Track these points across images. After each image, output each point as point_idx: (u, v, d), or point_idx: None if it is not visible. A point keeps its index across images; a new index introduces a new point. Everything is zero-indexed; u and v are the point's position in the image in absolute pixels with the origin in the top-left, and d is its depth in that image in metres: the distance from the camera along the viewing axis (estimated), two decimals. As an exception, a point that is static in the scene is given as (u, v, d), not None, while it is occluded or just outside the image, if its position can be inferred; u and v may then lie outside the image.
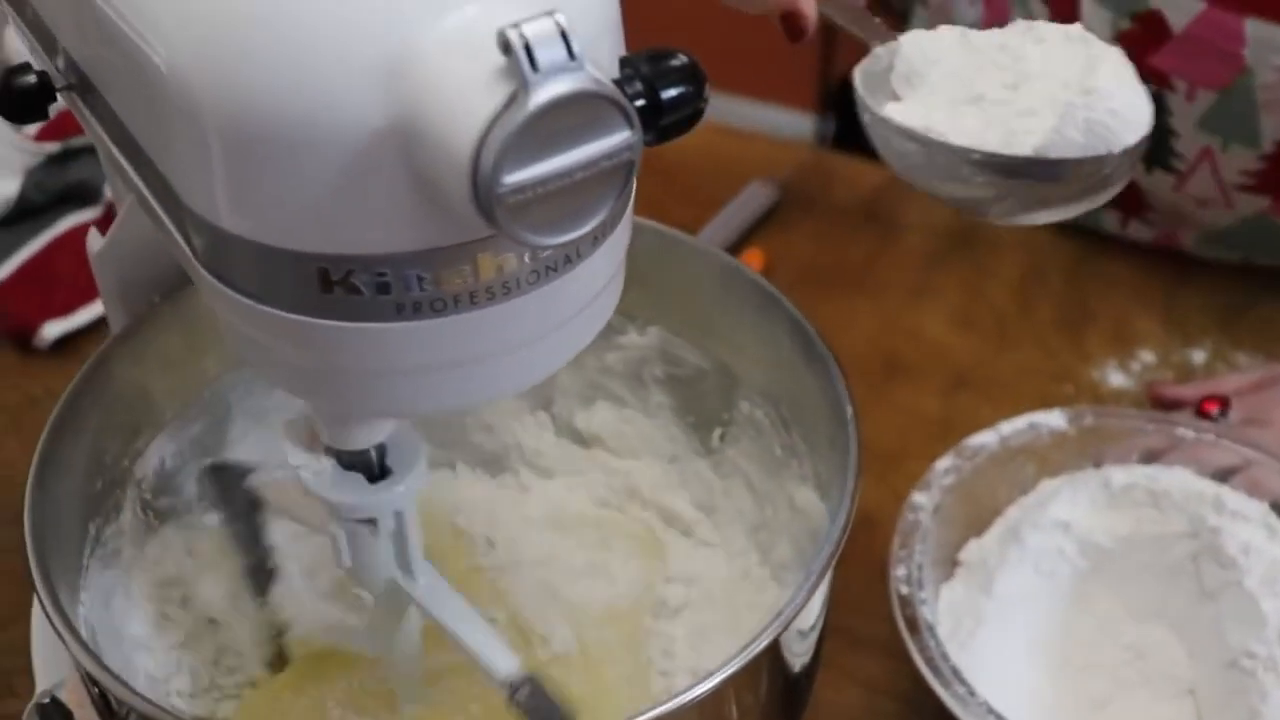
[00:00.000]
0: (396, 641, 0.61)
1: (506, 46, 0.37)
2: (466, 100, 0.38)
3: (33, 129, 1.09)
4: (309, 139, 0.41)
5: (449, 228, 0.42)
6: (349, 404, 0.49)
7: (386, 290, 0.43)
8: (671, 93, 0.42)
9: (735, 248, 1.06)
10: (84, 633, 0.56)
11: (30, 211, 1.06)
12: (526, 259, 0.44)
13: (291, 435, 0.55)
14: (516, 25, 0.37)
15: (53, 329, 1.01)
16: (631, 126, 0.39)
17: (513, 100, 0.37)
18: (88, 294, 1.02)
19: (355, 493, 0.54)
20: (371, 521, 0.55)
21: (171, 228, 0.49)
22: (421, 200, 0.41)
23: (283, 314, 0.45)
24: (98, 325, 1.03)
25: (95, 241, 0.62)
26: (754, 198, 1.11)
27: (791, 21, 0.64)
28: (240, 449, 0.68)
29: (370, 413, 0.51)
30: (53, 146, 1.07)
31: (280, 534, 0.66)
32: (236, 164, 0.43)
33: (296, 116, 0.41)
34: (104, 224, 1.06)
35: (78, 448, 0.59)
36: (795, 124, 2.14)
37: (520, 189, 0.38)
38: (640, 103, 0.42)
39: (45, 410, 0.97)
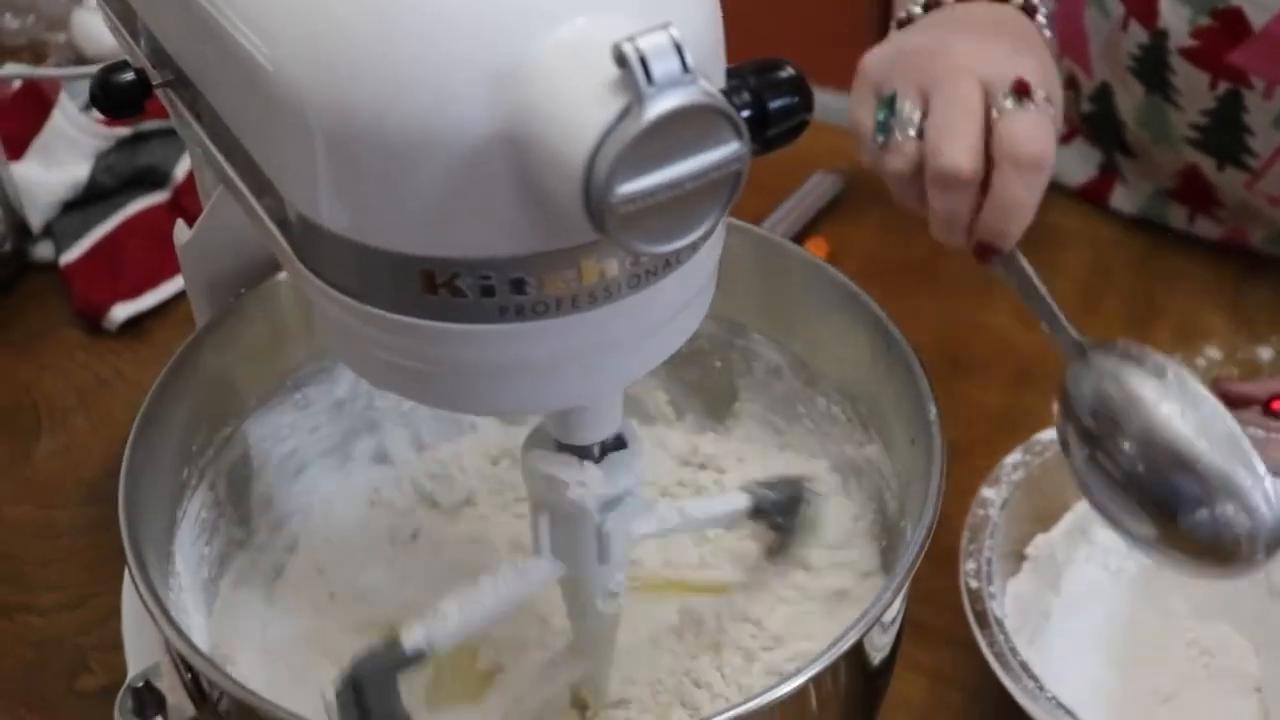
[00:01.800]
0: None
1: (622, 59, 0.38)
2: (580, 112, 0.39)
3: (102, 112, 1.11)
4: (417, 144, 0.42)
5: (555, 232, 0.43)
6: (442, 401, 0.50)
7: (491, 293, 0.44)
8: (778, 104, 0.43)
9: (799, 238, 1.07)
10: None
11: (100, 194, 1.08)
12: (628, 264, 0.45)
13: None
14: (632, 39, 0.38)
15: (122, 311, 1.03)
16: (741, 138, 0.40)
17: (627, 113, 0.38)
18: (157, 276, 1.04)
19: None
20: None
21: (269, 223, 0.50)
22: (528, 205, 0.42)
23: (382, 313, 0.46)
24: (166, 308, 1.04)
25: (182, 234, 0.63)
26: (818, 188, 1.11)
27: (982, 251, 0.71)
28: (317, 437, 0.69)
29: (462, 410, 0.52)
30: (123, 130, 1.09)
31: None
32: (342, 166, 0.43)
33: (405, 122, 0.42)
34: (173, 208, 1.08)
35: (166, 438, 0.60)
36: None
37: (632, 199, 0.39)
38: (747, 114, 0.42)
39: (115, 391, 1.00)
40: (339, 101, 0.42)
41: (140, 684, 0.55)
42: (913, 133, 0.69)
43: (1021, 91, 0.67)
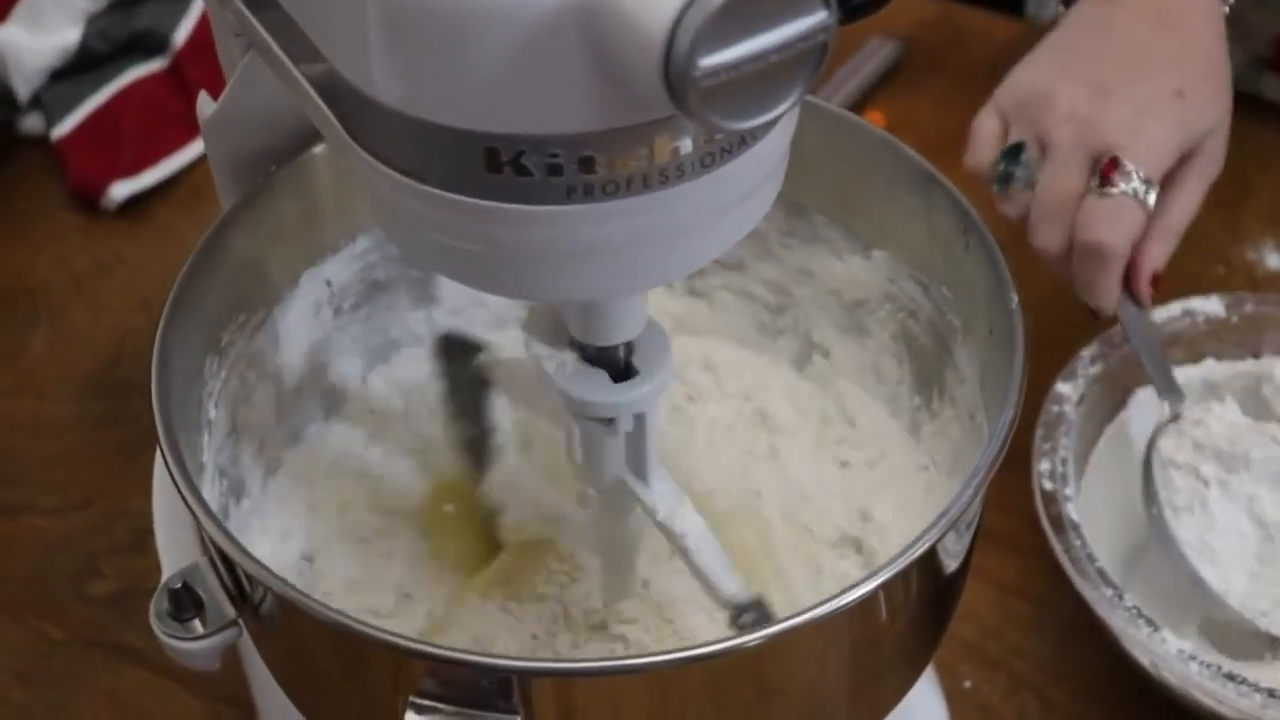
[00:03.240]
0: (614, 543, 0.64)
1: (706, -77, 0.39)
2: (662, -22, 0.40)
3: (92, -29, 1.12)
4: (486, 12, 0.43)
5: (627, 108, 0.44)
6: (502, 287, 0.52)
7: (558, 172, 0.46)
8: (866, -30, 0.44)
9: (854, 109, 1.08)
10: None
11: (92, 62, 1.10)
12: (702, 141, 0.47)
13: (535, 324, 0.58)
14: (717, -99, 0.39)
15: (121, 189, 1.05)
16: (828, 7, 0.42)
17: (711, -20, 0.40)
18: (156, 152, 1.06)
19: (597, 390, 0.57)
20: (609, 421, 0.58)
21: (313, 94, 0.52)
22: (600, 79, 0.44)
23: (441, 193, 0.48)
24: (168, 185, 1.07)
25: (206, 107, 0.65)
26: (874, 55, 1.12)
27: (1090, 312, 0.81)
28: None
29: (523, 296, 0.54)
30: (116, -10, 1.10)
31: (503, 414, 0.71)
32: (403, 38, 0.45)
33: (474, -13, 0.43)
34: (172, 76, 1.09)
35: (195, 328, 0.62)
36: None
37: (715, 72, 0.41)
38: (832, -20, 0.44)
39: (115, 276, 1.02)
40: (398, -35, 0.44)
41: (178, 584, 0.57)
42: (1032, 187, 0.79)
43: (1104, 179, 0.76)
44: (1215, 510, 0.78)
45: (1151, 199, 0.76)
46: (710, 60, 0.41)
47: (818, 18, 0.42)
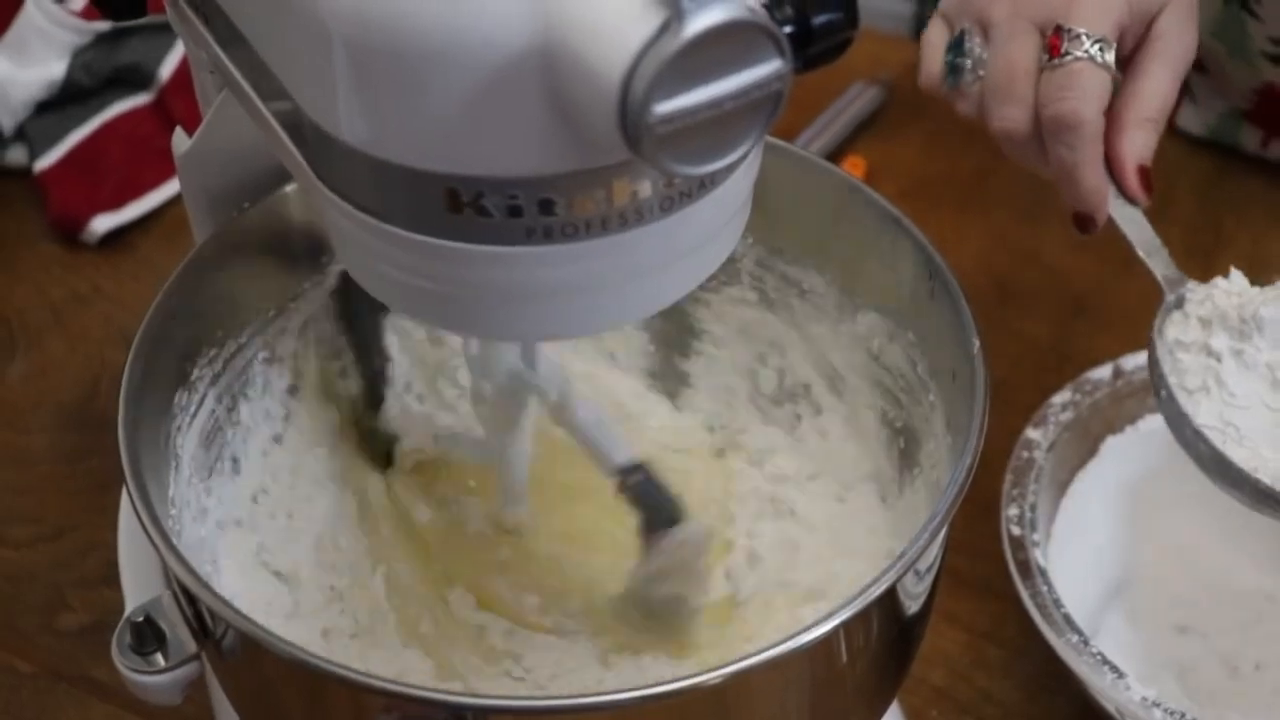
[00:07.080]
0: (508, 441, 0.67)
1: (661, -29, 0.41)
2: (617, 26, 0.42)
3: (79, 3, 1.13)
4: (445, 55, 0.45)
5: (586, 152, 0.46)
6: (463, 325, 0.54)
7: (518, 214, 0.47)
8: (821, 19, 0.46)
9: (836, 154, 1.09)
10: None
11: (77, 95, 1.11)
12: (661, 185, 0.48)
13: None
14: (672, -50, 0.41)
15: (102, 223, 1.06)
16: (783, 55, 0.43)
17: (665, 28, 0.41)
18: (139, 186, 1.07)
19: None
20: None
21: (281, 133, 0.53)
22: (559, 123, 0.45)
23: (403, 233, 0.49)
24: (150, 219, 1.07)
25: (181, 143, 0.66)
26: (857, 100, 1.13)
27: (1080, 222, 0.74)
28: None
29: (484, 335, 0.55)
30: (102, 25, 1.11)
31: (392, 344, 0.73)
32: (366, 78, 0.46)
33: (435, 31, 0.44)
34: (157, 110, 1.11)
35: (165, 362, 0.63)
36: (892, 8, 2.14)
37: (670, 119, 0.42)
38: (789, 29, 0.45)
39: (94, 309, 1.03)
40: (363, 7, 0.45)
41: (140, 618, 0.58)
42: (982, 73, 0.74)
43: (1053, 51, 0.71)
44: (1232, 384, 0.72)
45: (1109, 58, 0.71)
46: (665, 106, 0.42)
47: (773, 66, 0.43)
